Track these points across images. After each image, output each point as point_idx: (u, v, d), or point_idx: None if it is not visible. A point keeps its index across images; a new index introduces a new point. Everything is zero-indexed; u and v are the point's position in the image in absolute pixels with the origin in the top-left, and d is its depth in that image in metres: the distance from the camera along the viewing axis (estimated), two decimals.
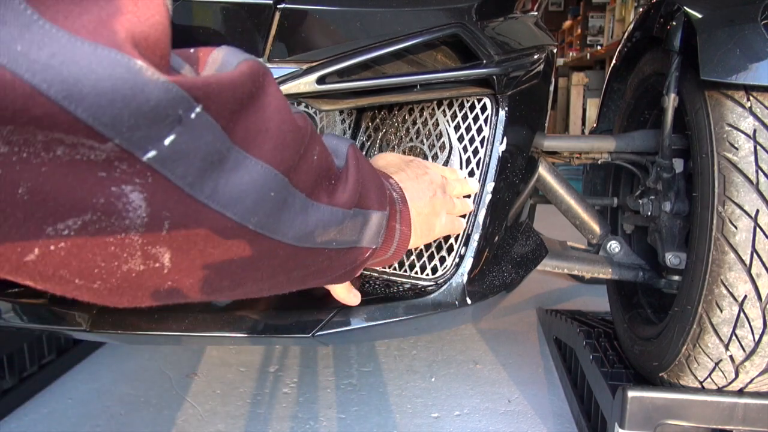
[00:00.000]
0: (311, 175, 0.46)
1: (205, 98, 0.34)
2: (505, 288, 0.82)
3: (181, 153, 0.33)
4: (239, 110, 0.37)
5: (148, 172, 0.32)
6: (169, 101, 0.32)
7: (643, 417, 0.89)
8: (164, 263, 0.37)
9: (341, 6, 0.67)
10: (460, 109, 0.80)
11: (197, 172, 0.35)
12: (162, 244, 0.36)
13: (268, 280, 0.47)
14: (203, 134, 0.34)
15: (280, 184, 0.41)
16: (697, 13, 0.85)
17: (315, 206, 0.47)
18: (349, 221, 0.52)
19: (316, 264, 0.51)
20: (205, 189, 0.36)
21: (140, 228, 0.34)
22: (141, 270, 0.36)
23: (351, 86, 0.69)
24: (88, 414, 1.22)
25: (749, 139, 0.78)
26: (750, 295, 0.79)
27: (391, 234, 0.61)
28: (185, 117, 0.33)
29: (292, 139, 0.42)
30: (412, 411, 1.23)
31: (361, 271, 0.62)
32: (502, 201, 0.79)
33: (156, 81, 0.31)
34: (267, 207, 0.41)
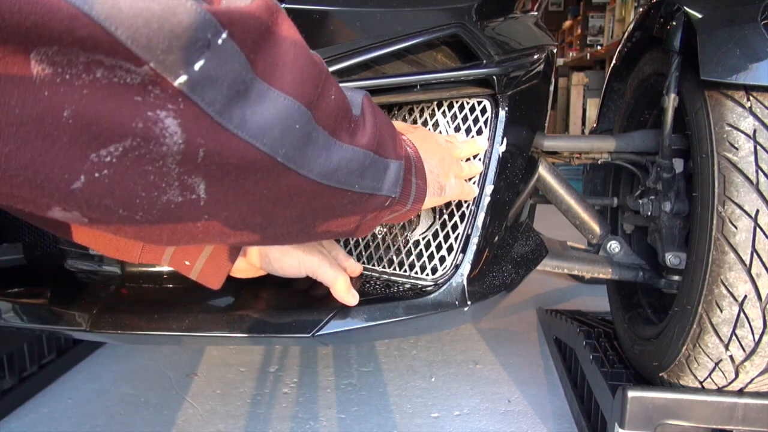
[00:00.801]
0: (331, 113, 0.46)
1: (230, 25, 0.35)
2: (505, 288, 0.82)
3: (209, 79, 0.34)
4: (259, 41, 0.38)
5: (179, 97, 0.33)
6: (199, 24, 0.32)
7: (643, 417, 0.89)
8: (200, 194, 0.38)
9: (341, 6, 0.67)
10: (460, 109, 0.80)
11: (225, 100, 0.35)
12: (197, 173, 0.36)
13: (297, 220, 0.48)
14: (229, 61, 0.35)
15: (304, 116, 0.42)
16: (697, 13, 0.85)
17: (337, 144, 0.47)
18: (369, 163, 0.52)
19: (340, 207, 0.51)
20: (233, 118, 0.36)
21: (177, 155, 0.34)
22: (179, 201, 0.37)
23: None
24: (88, 414, 1.22)
25: (749, 139, 0.78)
26: (750, 295, 0.79)
27: (408, 187, 0.61)
28: (213, 42, 0.33)
29: (309, 74, 0.43)
30: (412, 411, 1.23)
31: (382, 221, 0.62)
32: (502, 201, 0.79)
33: (185, 4, 0.32)
34: (293, 139, 0.41)
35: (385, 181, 0.56)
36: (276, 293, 0.76)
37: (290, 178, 0.43)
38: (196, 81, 0.33)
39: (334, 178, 0.47)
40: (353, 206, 0.53)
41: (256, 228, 0.45)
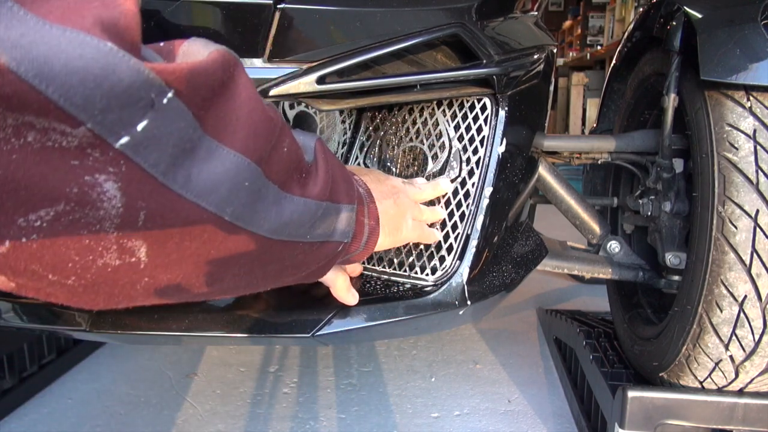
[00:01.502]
0: (283, 166, 0.46)
1: (177, 83, 0.33)
2: (505, 288, 0.82)
3: (153, 139, 0.33)
4: (211, 98, 0.37)
5: (121, 159, 0.32)
6: (141, 84, 0.31)
7: (643, 417, 0.89)
8: (140, 257, 0.36)
9: (341, 6, 0.67)
10: (459, 108, 0.80)
11: (170, 160, 0.34)
12: (138, 237, 0.35)
13: (245, 275, 0.46)
14: (175, 120, 0.34)
15: (254, 173, 0.41)
16: (697, 13, 0.85)
17: (288, 198, 0.47)
18: (321, 214, 0.52)
19: (291, 258, 0.50)
20: (178, 178, 0.35)
21: (115, 219, 0.33)
22: (117, 265, 0.35)
23: (351, 86, 0.69)
24: (88, 414, 1.22)
25: (749, 139, 0.78)
26: (750, 295, 0.79)
27: (360, 228, 0.61)
28: (157, 101, 0.32)
29: (263, 129, 0.42)
30: (412, 411, 1.23)
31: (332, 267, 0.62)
32: (501, 201, 0.79)
33: (127, 62, 0.30)
34: (242, 197, 0.40)
35: (336, 227, 0.55)
36: (276, 293, 0.76)
37: (239, 236, 0.41)
38: (139, 142, 0.32)
39: (285, 232, 0.46)
40: (304, 256, 0.52)
41: (201, 286, 0.43)
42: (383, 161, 0.84)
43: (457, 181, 0.78)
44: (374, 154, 0.85)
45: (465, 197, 0.77)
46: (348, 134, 0.87)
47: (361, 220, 0.61)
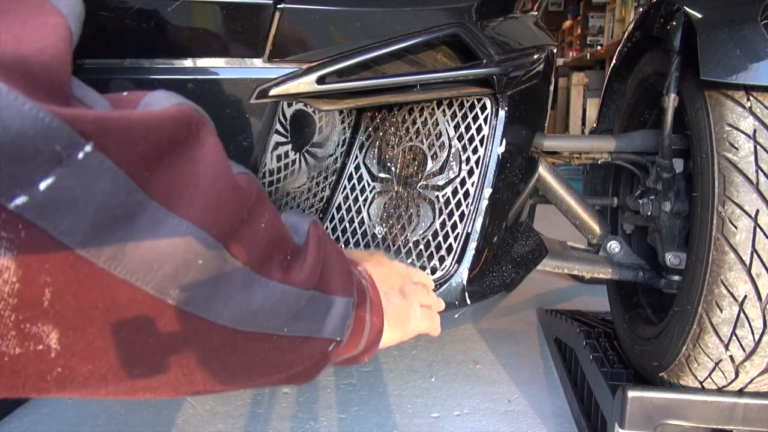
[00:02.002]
0: (258, 245, 0.39)
1: (100, 135, 0.28)
2: (505, 288, 0.82)
3: (64, 201, 0.27)
4: (158, 157, 0.31)
5: (18, 223, 0.26)
6: (39, 133, 0.25)
7: (643, 417, 0.89)
8: (50, 345, 0.29)
9: (341, 6, 0.67)
10: (459, 108, 0.80)
11: (92, 228, 0.28)
12: (45, 321, 0.29)
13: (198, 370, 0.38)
14: (98, 180, 0.28)
15: (213, 251, 0.34)
16: (697, 13, 0.85)
17: (263, 282, 0.39)
18: (305, 304, 0.44)
19: (261, 353, 0.42)
20: (104, 250, 0.29)
21: (10, 298, 0.27)
22: (17, 353, 0.29)
23: (351, 86, 0.69)
24: (88, 414, 1.22)
25: (749, 139, 0.78)
26: (750, 295, 0.79)
27: (360, 325, 0.53)
28: (67, 156, 0.26)
29: (229, 199, 0.35)
30: (412, 411, 1.23)
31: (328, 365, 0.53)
32: (501, 201, 0.79)
33: (20, 107, 0.25)
34: (192, 277, 0.33)
35: (327, 323, 0.48)
36: None
37: (189, 324, 0.34)
38: (42, 204, 0.26)
39: (254, 322, 0.39)
40: (281, 353, 0.44)
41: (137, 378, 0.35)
42: (383, 161, 0.84)
43: (456, 181, 0.78)
44: (374, 154, 0.85)
45: (464, 197, 0.77)
46: (347, 134, 0.87)
47: (362, 316, 0.53)
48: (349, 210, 0.84)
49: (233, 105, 0.65)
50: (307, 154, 0.79)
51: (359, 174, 0.85)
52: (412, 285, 0.64)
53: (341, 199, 0.85)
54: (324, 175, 0.84)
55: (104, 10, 0.59)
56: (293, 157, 0.76)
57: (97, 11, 0.59)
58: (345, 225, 0.84)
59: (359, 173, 0.85)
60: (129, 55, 0.62)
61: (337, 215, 0.85)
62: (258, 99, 0.65)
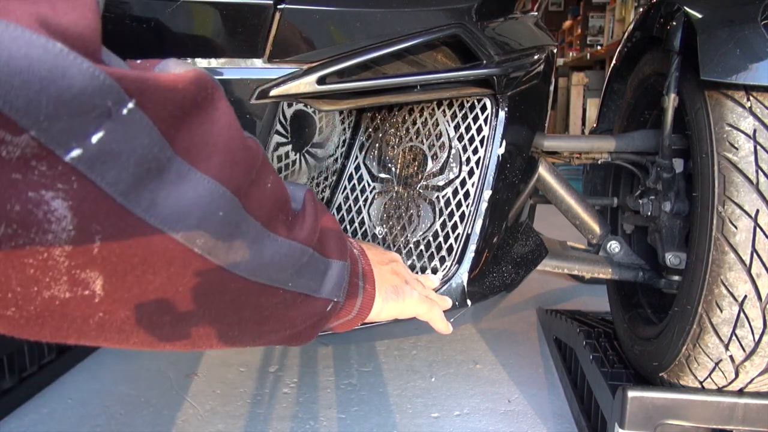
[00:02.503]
0: (266, 203, 0.42)
1: (139, 94, 0.30)
2: (505, 288, 0.82)
3: (111, 154, 0.29)
4: (182, 117, 0.33)
5: (72, 175, 0.28)
6: (96, 89, 0.28)
7: (643, 417, 0.89)
8: (95, 291, 0.32)
9: (341, 6, 0.67)
10: (460, 109, 0.80)
11: (131, 180, 0.30)
12: (93, 267, 0.31)
13: (216, 321, 0.41)
14: (138, 135, 0.30)
15: (231, 204, 0.37)
16: (697, 13, 0.85)
17: (272, 237, 0.42)
18: (307, 261, 0.47)
19: (270, 307, 0.45)
20: (141, 201, 0.31)
21: (66, 246, 0.29)
22: (66, 298, 0.31)
23: (351, 87, 0.69)
24: (88, 414, 1.22)
25: (749, 139, 0.78)
26: (750, 295, 0.79)
27: (354, 291, 0.56)
28: (115, 111, 0.29)
29: (242, 158, 0.38)
30: (412, 411, 1.23)
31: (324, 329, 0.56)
32: (501, 201, 0.79)
33: (80, 66, 0.27)
34: (215, 228, 0.36)
35: (325, 283, 0.51)
36: None
37: (211, 273, 0.37)
38: (93, 156, 0.28)
39: (265, 274, 0.42)
40: (286, 308, 0.47)
41: (164, 326, 0.38)
42: (383, 161, 0.84)
43: (456, 182, 0.78)
44: (374, 154, 0.85)
45: (465, 198, 0.77)
46: (348, 134, 0.87)
47: (355, 282, 0.56)
48: (349, 210, 0.84)
49: (233, 105, 0.64)
50: (308, 154, 0.79)
51: (359, 174, 0.85)
52: (406, 271, 0.67)
53: (341, 200, 0.85)
54: (324, 175, 0.84)
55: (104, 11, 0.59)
56: (293, 157, 0.76)
57: None
58: (345, 225, 0.84)
59: (359, 173, 0.85)
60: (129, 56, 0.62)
61: (338, 215, 0.85)
62: (258, 99, 0.65)
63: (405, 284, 0.65)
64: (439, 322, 0.69)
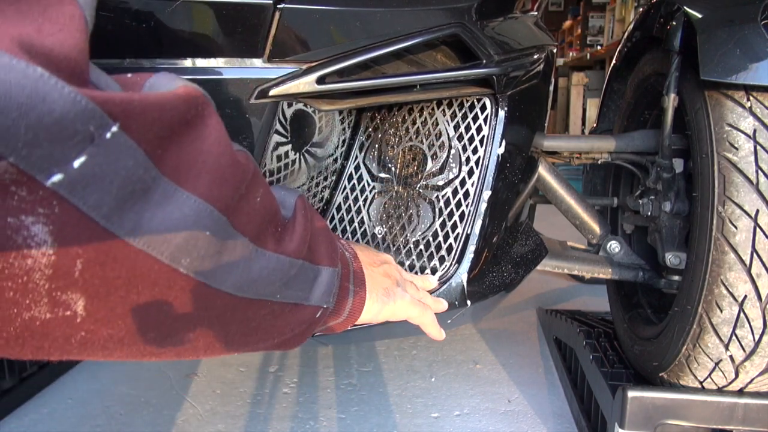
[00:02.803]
0: (255, 218, 0.42)
1: (124, 117, 0.30)
2: (505, 288, 0.82)
3: (94, 178, 0.29)
4: (169, 136, 0.33)
5: (54, 200, 0.28)
6: (78, 115, 0.27)
7: (643, 417, 0.89)
8: (77, 311, 0.32)
9: (341, 6, 0.67)
10: (459, 108, 0.80)
11: (114, 203, 0.30)
12: (74, 290, 0.31)
13: (202, 335, 0.41)
14: (122, 157, 0.30)
15: (218, 223, 0.37)
16: (697, 13, 0.85)
17: (260, 252, 0.42)
18: (296, 273, 0.47)
19: (257, 319, 0.45)
20: (125, 223, 0.31)
21: (46, 270, 0.29)
22: (47, 318, 0.31)
23: (351, 86, 0.69)
24: (88, 414, 1.22)
25: (749, 139, 0.78)
26: (750, 295, 0.79)
27: (344, 295, 0.56)
28: (98, 136, 0.28)
29: (231, 175, 0.38)
30: (412, 411, 1.23)
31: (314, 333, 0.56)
32: (501, 201, 0.79)
33: (60, 90, 0.27)
34: (202, 248, 0.36)
35: (314, 291, 0.51)
36: None
37: (197, 291, 0.37)
38: (75, 181, 0.28)
39: (252, 290, 0.42)
40: (274, 319, 0.47)
41: (148, 343, 0.38)
42: (383, 161, 0.84)
43: (456, 181, 0.78)
44: (374, 154, 0.85)
45: (464, 197, 0.77)
46: (347, 134, 0.87)
47: (346, 286, 0.57)
48: (349, 210, 0.84)
49: (233, 105, 0.65)
50: (307, 154, 0.79)
51: (359, 174, 0.85)
52: (396, 272, 0.66)
53: (341, 199, 0.85)
54: (324, 175, 0.84)
55: (104, 10, 0.59)
56: (293, 157, 0.76)
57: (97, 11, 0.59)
58: (345, 225, 0.84)
59: (359, 173, 0.85)
60: (128, 56, 0.62)
61: (337, 215, 0.85)
62: (258, 99, 0.65)
63: (396, 286, 0.64)
64: (430, 326, 0.68)
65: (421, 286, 0.72)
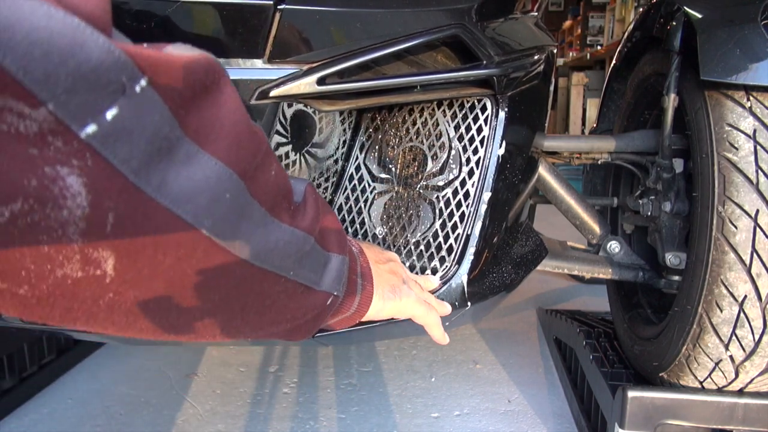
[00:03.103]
0: (271, 190, 0.42)
1: (153, 72, 0.30)
2: (505, 288, 0.82)
3: (124, 131, 0.29)
4: (191, 98, 0.34)
5: (87, 152, 0.28)
6: (112, 65, 0.28)
7: (643, 417, 0.89)
8: (107, 270, 0.32)
9: (341, 7, 0.67)
10: (460, 109, 0.80)
11: (143, 158, 0.31)
12: (105, 246, 0.31)
13: (220, 307, 0.41)
14: (150, 112, 0.30)
15: (237, 187, 0.38)
16: (697, 13, 0.85)
17: (276, 223, 0.43)
18: (309, 250, 0.48)
19: (272, 296, 0.46)
20: (152, 179, 0.31)
21: (80, 222, 0.29)
22: (78, 277, 0.31)
23: (351, 87, 0.69)
24: (88, 414, 1.22)
25: (749, 139, 0.78)
26: (750, 295, 0.79)
27: (352, 288, 0.56)
28: (129, 88, 0.29)
29: (248, 142, 0.39)
30: (412, 411, 1.23)
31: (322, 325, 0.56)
32: (501, 201, 0.79)
33: (96, 40, 0.27)
34: (223, 210, 0.37)
35: (325, 276, 0.51)
36: None
37: (218, 256, 0.38)
38: (107, 133, 0.28)
39: (269, 260, 0.42)
40: (288, 299, 0.48)
41: (171, 310, 0.38)
42: (383, 162, 0.84)
43: (456, 182, 0.78)
44: (374, 154, 0.85)
45: (465, 198, 0.77)
46: (348, 134, 0.87)
47: (354, 279, 0.57)
48: (350, 211, 0.84)
49: None
50: (308, 154, 0.79)
51: (360, 175, 0.85)
52: (404, 271, 0.66)
53: (342, 200, 0.85)
54: (325, 176, 0.84)
55: None
56: (293, 157, 0.76)
57: None
58: (346, 225, 0.84)
59: (360, 174, 0.85)
60: None
61: (338, 216, 0.85)
62: (258, 100, 0.65)
63: (403, 284, 0.65)
64: (435, 328, 0.69)
65: (423, 286, 0.72)
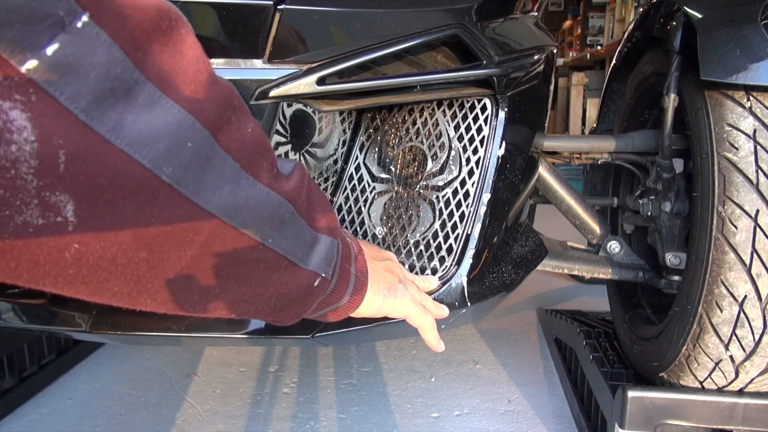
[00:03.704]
0: (246, 146, 0.41)
1: (94, 8, 0.29)
2: (505, 288, 0.82)
3: (68, 68, 0.29)
4: (147, 41, 0.33)
5: (30, 87, 0.28)
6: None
7: (643, 417, 0.89)
8: (67, 217, 0.31)
9: (341, 7, 0.67)
10: (460, 109, 0.80)
11: (93, 97, 0.30)
12: (63, 189, 0.30)
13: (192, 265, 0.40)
14: (96, 51, 0.30)
15: (200, 136, 0.36)
16: (697, 13, 0.85)
17: (250, 181, 0.41)
18: (289, 219, 0.46)
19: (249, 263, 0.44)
20: (105, 120, 0.31)
21: (32, 161, 0.29)
22: (40, 225, 0.31)
23: (351, 87, 0.69)
24: (88, 414, 1.22)
25: (749, 139, 0.78)
26: (750, 295, 0.79)
27: (345, 276, 0.55)
28: (69, 23, 0.28)
29: (213, 92, 0.37)
30: (412, 411, 1.23)
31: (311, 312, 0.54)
32: (501, 201, 0.79)
33: None
34: (184, 158, 0.35)
35: (312, 255, 0.49)
36: None
37: (182, 206, 0.36)
38: (50, 68, 0.28)
39: (238, 217, 0.40)
40: (269, 271, 0.45)
41: (141, 263, 0.37)
42: (383, 161, 0.84)
43: (456, 182, 0.78)
44: (374, 154, 0.85)
45: (464, 198, 0.77)
46: (348, 134, 0.87)
47: (346, 267, 0.55)
48: (350, 210, 0.84)
49: None
50: (307, 154, 0.79)
51: (359, 174, 0.85)
52: (399, 269, 0.65)
53: (342, 200, 0.85)
54: (324, 176, 0.84)
55: None
56: (293, 157, 0.76)
57: None
58: (346, 225, 0.84)
59: (359, 174, 0.85)
60: None
61: (338, 216, 0.85)
62: (258, 100, 0.65)
63: (399, 283, 0.64)
64: (429, 332, 0.67)
65: (423, 287, 0.72)
